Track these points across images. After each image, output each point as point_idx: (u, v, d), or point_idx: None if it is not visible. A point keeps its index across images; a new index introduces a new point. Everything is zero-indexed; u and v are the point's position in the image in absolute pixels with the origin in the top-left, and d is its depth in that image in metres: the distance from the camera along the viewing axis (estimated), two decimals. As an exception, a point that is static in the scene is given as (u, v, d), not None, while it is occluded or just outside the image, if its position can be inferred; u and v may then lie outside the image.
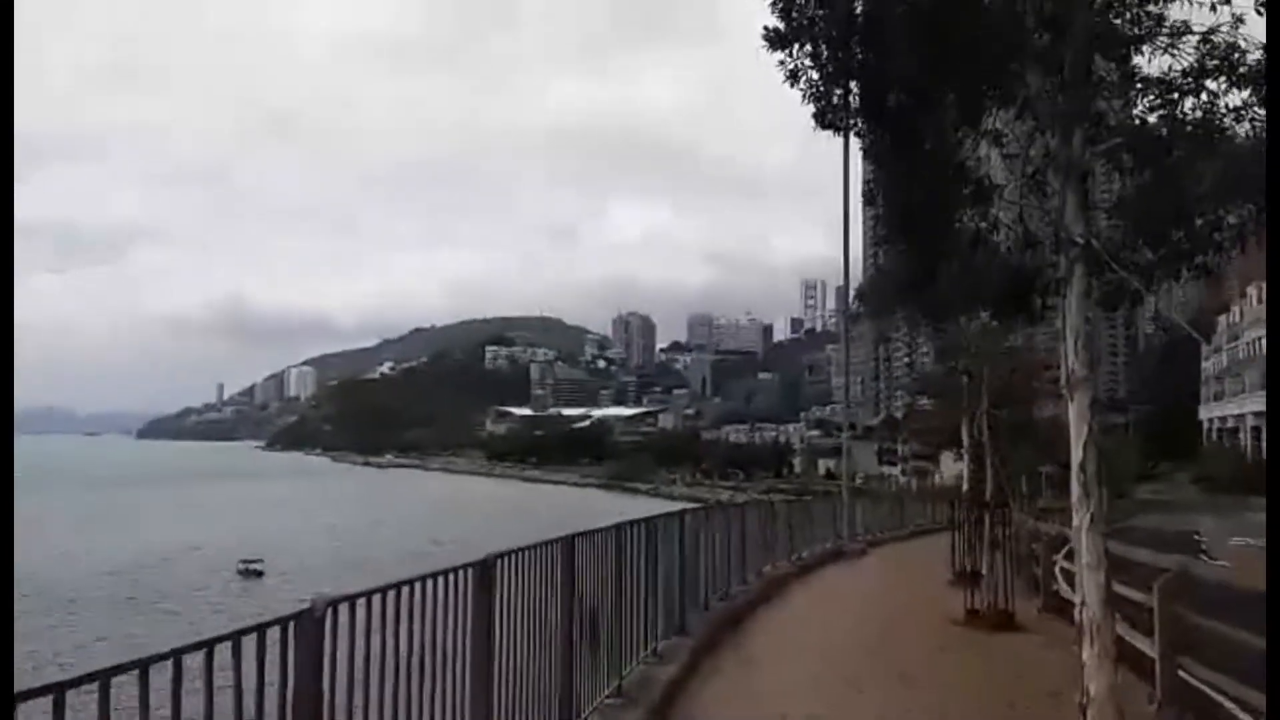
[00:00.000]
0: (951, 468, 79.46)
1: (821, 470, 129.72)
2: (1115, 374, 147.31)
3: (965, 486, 16.81)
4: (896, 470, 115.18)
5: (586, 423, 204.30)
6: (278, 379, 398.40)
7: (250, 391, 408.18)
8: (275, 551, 56.70)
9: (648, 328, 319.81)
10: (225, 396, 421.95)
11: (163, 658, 2.99)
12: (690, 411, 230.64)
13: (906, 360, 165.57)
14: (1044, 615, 12.85)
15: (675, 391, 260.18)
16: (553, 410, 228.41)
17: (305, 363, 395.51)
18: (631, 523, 7.76)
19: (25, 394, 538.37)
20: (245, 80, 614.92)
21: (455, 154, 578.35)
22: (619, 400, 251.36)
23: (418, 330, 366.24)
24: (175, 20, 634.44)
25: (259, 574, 50.05)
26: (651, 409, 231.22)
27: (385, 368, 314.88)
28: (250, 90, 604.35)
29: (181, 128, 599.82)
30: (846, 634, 12.26)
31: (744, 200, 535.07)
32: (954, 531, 16.40)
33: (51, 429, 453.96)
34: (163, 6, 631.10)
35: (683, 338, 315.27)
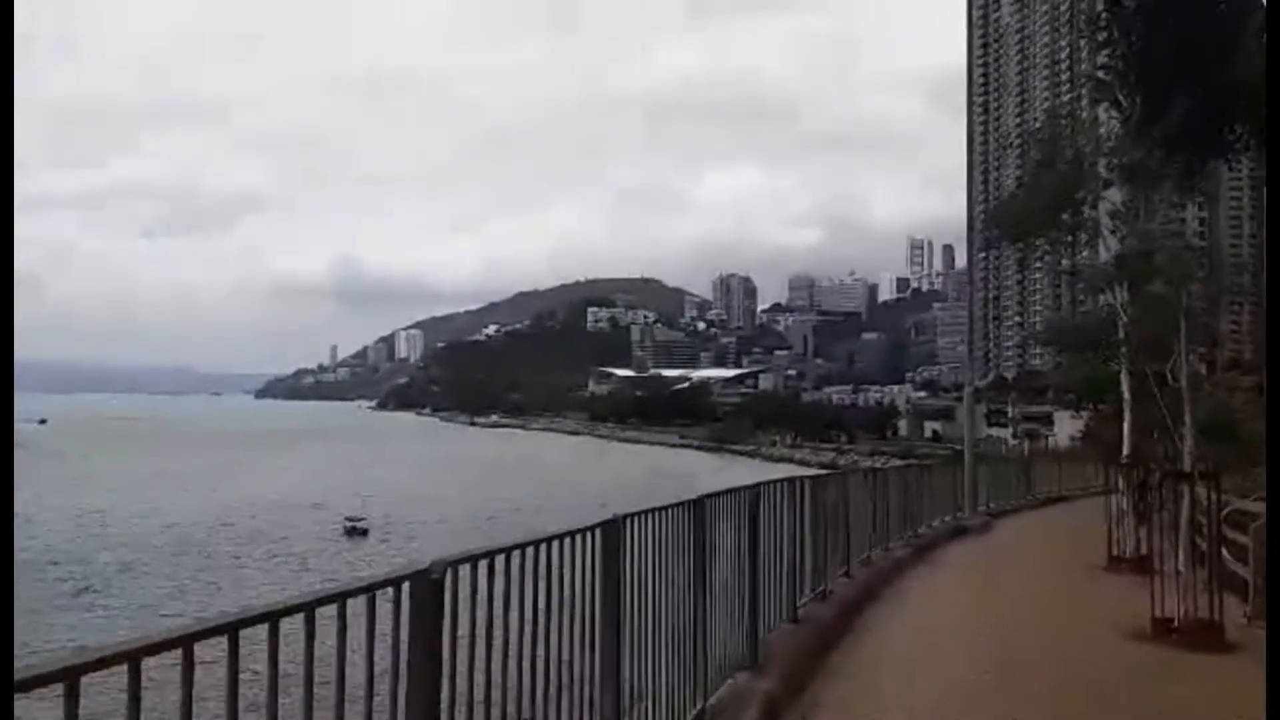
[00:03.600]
0: (1068, 428, 74.33)
1: (928, 433, 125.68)
2: (1239, 331, 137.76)
3: (1126, 450, 13.62)
4: (1007, 433, 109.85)
5: (686, 384, 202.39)
6: (388, 341, 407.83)
7: (362, 353, 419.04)
8: (384, 508, 57.96)
9: (748, 289, 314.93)
10: (339, 358, 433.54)
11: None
12: (791, 373, 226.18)
13: (1017, 318, 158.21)
14: (1254, 626, 9.20)
15: (776, 353, 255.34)
16: (653, 371, 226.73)
17: (414, 325, 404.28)
18: (649, 512, 5.08)
19: (153, 354, 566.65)
20: (353, 49, 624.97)
21: (559, 118, 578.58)
22: (719, 362, 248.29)
23: (522, 293, 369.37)
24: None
25: (364, 532, 50.68)
26: (751, 370, 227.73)
27: (490, 330, 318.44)
28: (358, 59, 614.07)
29: (294, 94, 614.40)
30: (987, 659, 8.64)
31: (848, 160, 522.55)
32: (1112, 504, 13.30)
33: (177, 388, 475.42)
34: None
35: (784, 299, 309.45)
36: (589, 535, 4.37)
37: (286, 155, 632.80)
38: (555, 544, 4.02)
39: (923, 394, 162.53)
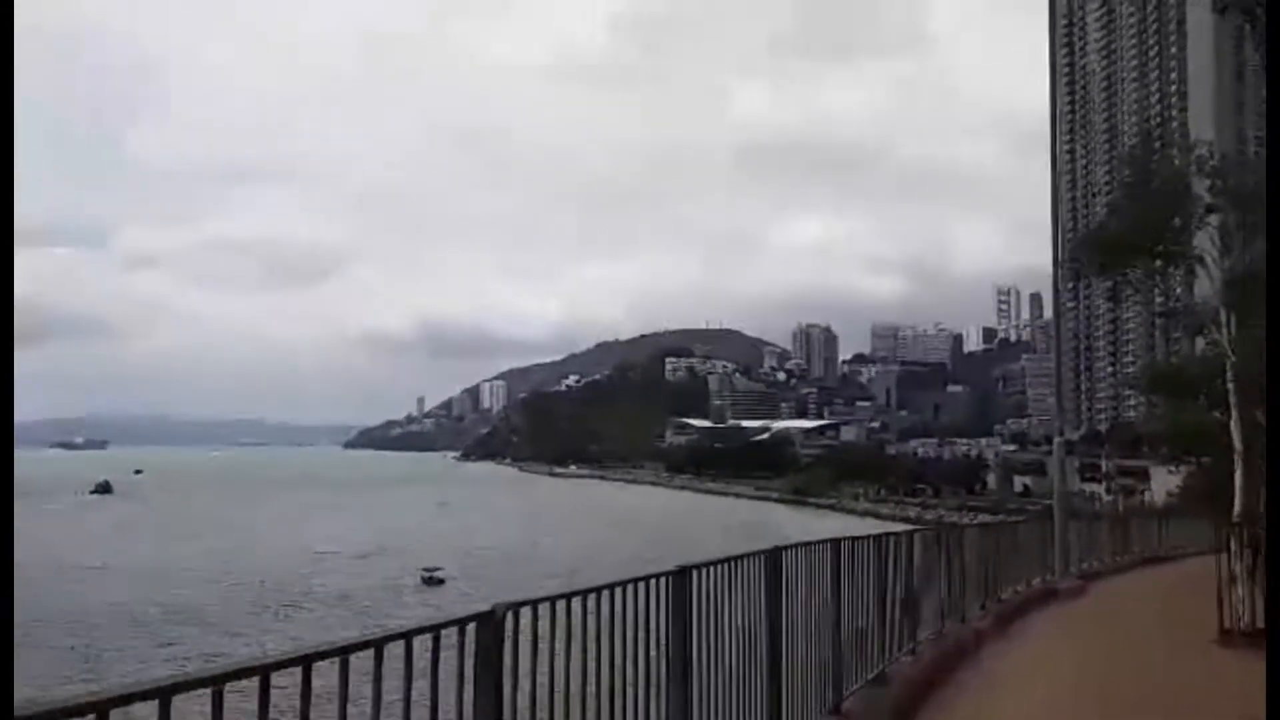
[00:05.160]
0: (1165, 483, 70.68)
1: (1017, 487, 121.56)
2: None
3: (1238, 506, 12.07)
4: (1100, 488, 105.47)
5: (765, 435, 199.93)
6: (472, 392, 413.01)
7: (447, 404, 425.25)
8: (459, 558, 58.70)
9: (829, 339, 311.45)
10: (425, 409, 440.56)
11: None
12: (874, 425, 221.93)
13: (1110, 368, 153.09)
14: None
15: (858, 404, 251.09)
16: (731, 422, 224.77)
17: (497, 376, 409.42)
18: (576, 594, 3.87)
19: (243, 407, 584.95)
20: (437, 104, 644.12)
21: (638, 169, 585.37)
22: (799, 413, 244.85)
23: (602, 344, 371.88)
24: (369, 48, 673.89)
25: (440, 581, 51.43)
26: (833, 422, 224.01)
27: (570, 381, 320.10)
28: (442, 113, 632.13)
29: (378, 151, 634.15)
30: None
31: (932, 208, 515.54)
32: (1222, 567, 11.75)
33: (269, 440, 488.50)
34: (358, 35, 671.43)
35: (866, 349, 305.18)
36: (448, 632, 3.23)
37: (373, 211, 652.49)
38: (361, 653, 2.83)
39: (1012, 447, 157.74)
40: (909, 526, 15.29)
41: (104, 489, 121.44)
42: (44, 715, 1.97)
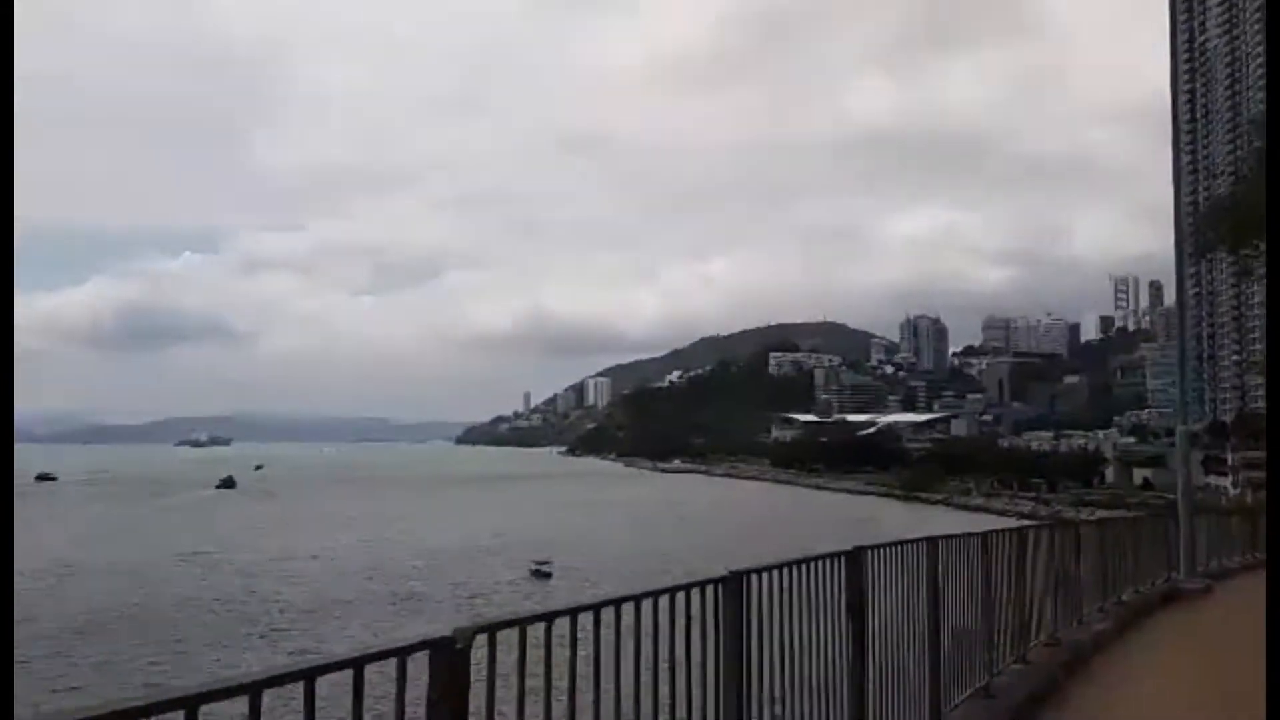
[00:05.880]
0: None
1: (1137, 480, 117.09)
2: None
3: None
4: (1226, 481, 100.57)
5: (872, 429, 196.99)
6: (577, 388, 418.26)
7: (553, 400, 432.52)
8: (567, 551, 59.48)
9: (939, 331, 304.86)
10: (532, 405, 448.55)
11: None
12: (986, 418, 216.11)
13: (1235, 355, 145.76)
14: None
15: (969, 396, 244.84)
16: (837, 416, 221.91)
17: (601, 373, 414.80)
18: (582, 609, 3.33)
19: (360, 405, 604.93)
20: (545, 107, 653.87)
21: (744, 164, 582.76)
22: (908, 406, 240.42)
23: (705, 339, 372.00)
24: (479, 53, 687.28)
25: (548, 575, 52.42)
26: (943, 415, 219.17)
27: (674, 376, 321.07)
28: (550, 116, 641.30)
29: (488, 154, 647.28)
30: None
31: (1045, 196, 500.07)
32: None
33: (383, 437, 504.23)
34: (468, 40, 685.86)
35: (977, 340, 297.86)
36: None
37: (483, 212, 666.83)
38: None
39: (1131, 439, 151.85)
40: (1022, 522, 14.64)
41: (228, 484, 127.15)
42: (199, 695, 1.96)
